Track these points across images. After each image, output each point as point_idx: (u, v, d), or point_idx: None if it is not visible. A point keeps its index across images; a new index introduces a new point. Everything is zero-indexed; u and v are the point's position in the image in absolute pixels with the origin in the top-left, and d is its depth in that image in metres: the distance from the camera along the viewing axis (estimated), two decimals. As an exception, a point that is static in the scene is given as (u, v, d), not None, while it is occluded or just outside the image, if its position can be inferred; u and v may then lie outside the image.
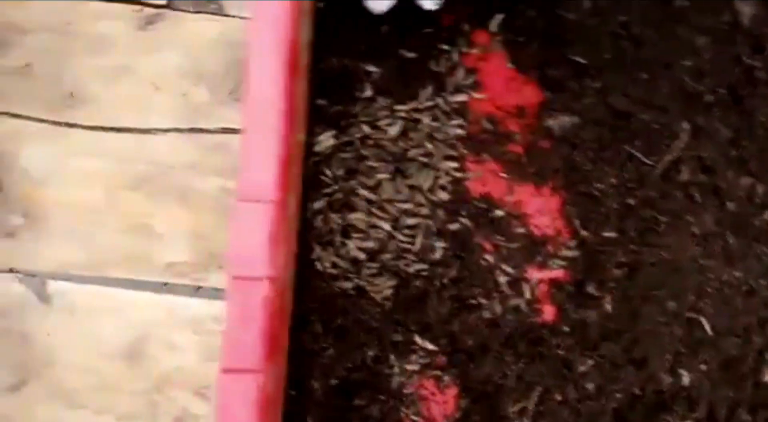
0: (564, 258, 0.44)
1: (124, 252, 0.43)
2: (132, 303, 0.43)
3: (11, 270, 0.43)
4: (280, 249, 0.29)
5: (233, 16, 0.46)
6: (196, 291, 0.44)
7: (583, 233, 0.44)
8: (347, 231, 0.43)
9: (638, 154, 0.44)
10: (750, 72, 0.45)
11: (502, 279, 0.43)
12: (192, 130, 0.45)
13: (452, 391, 0.42)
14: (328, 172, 0.43)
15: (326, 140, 0.43)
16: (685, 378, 0.43)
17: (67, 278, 0.43)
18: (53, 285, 0.43)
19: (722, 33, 0.45)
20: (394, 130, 0.44)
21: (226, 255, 0.27)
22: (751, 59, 0.45)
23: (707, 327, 0.43)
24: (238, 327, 0.26)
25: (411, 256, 0.43)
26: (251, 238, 0.26)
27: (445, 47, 0.46)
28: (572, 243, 0.44)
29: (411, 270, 0.43)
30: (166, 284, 0.43)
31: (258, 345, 0.26)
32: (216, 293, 0.44)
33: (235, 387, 0.26)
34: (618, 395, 0.42)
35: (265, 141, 0.26)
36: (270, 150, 0.26)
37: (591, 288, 0.43)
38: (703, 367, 0.43)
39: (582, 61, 0.44)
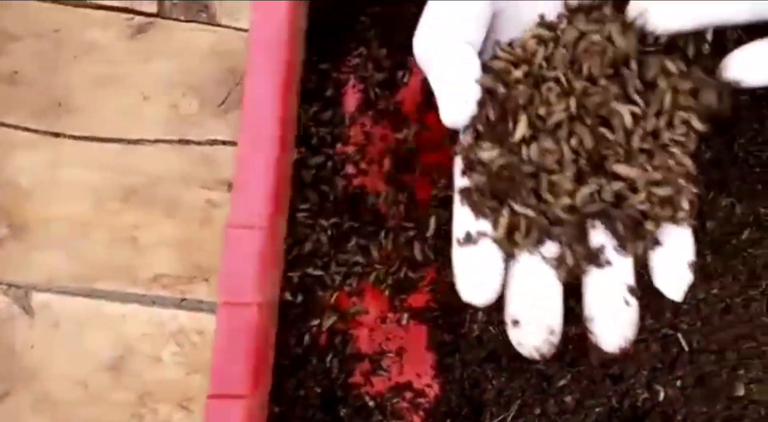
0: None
1: (110, 265, 0.43)
2: (117, 316, 0.43)
3: (-4, 281, 0.43)
4: (270, 274, 0.29)
5: (226, 26, 0.46)
6: (181, 303, 0.44)
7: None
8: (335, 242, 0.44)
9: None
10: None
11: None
12: (180, 142, 0.45)
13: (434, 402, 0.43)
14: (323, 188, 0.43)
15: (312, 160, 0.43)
16: (661, 394, 0.44)
17: (52, 290, 0.43)
18: (38, 297, 0.43)
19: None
20: None
21: (217, 280, 0.27)
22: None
23: (683, 343, 0.44)
24: (226, 352, 0.27)
25: None
26: (242, 265, 0.26)
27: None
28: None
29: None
30: (151, 296, 0.44)
31: (246, 372, 0.27)
32: (200, 305, 0.44)
33: (223, 413, 0.26)
34: (597, 409, 0.43)
35: (260, 169, 0.26)
36: (264, 177, 0.27)
37: (571, 303, 0.44)
38: (678, 383, 0.44)
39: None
